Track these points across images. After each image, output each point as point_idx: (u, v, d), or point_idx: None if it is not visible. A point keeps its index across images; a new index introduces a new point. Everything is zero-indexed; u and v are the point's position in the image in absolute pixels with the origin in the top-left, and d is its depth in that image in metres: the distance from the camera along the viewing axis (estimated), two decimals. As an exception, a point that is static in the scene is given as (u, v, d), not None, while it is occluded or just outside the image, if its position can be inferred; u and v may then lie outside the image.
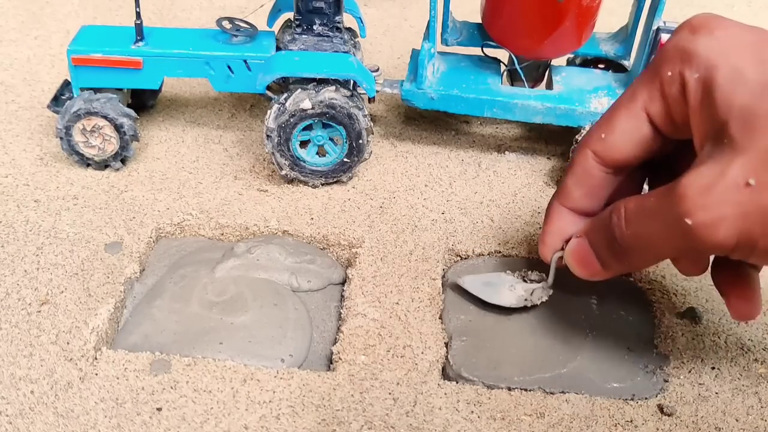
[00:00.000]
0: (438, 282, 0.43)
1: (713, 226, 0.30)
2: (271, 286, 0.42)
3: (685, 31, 0.34)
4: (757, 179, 0.29)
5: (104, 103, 0.50)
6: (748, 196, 0.30)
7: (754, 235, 0.30)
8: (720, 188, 0.30)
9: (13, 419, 0.34)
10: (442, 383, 0.37)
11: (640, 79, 0.35)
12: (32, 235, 0.45)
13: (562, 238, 0.39)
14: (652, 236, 0.33)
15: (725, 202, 0.30)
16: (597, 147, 0.36)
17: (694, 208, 0.30)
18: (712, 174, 0.30)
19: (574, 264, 0.37)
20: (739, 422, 0.36)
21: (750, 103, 0.30)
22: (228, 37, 0.51)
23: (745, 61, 0.31)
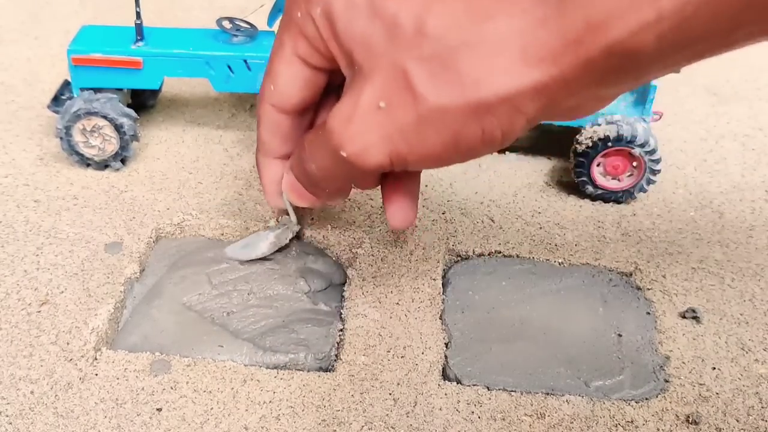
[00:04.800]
0: (438, 282, 0.43)
1: (363, 153, 0.32)
2: (274, 285, 0.42)
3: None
4: (387, 100, 0.30)
5: (104, 103, 0.49)
6: (384, 119, 0.31)
7: (401, 152, 0.31)
8: (358, 117, 0.31)
9: (13, 419, 0.34)
10: (442, 384, 0.37)
11: (280, 25, 0.36)
12: (32, 235, 0.45)
13: (279, 182, 0.40)
14: (328, 166, 0.34)
15: (366, 129, 0.31)
16: (272, 99, 0.37)
17: (342, 141, 0.32)
18: (349, 104, 0.32)
19: (292, 196, 0.39)
20: (739, 423, 0.36)
21: (365, 30, 0.31)
22: (228, 37, 0.51)
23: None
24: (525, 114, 0.29)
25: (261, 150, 0.39)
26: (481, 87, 0.29)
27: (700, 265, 0.46)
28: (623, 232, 0.49)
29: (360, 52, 0.31)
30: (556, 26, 0.27)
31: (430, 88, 0.29)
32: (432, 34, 0.29)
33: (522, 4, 0.28)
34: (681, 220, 0.50)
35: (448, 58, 0.29)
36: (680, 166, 0.56)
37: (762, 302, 0.44)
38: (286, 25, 0.35)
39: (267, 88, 0.37)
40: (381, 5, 0.30)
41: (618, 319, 0.42)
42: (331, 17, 0.32)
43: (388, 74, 0.30)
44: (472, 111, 0.29)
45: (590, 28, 0.26)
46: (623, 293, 0.44)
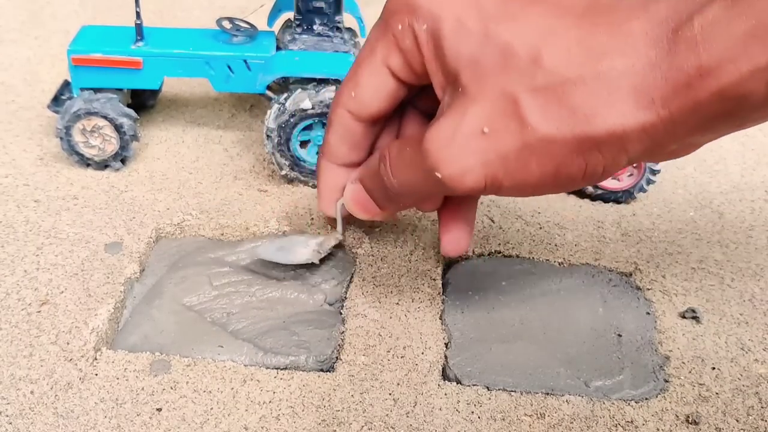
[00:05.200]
0: (438, 282, 0.43)
1: (460, 176, 0.32)
2: (275, 286, 0.42)
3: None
4: (491, 127, 0.31)
5: (104, 103, 0.49)
6: (486, 144, 0.31)
7: (498, 177, 0.32)
8: (459, 140, 0.31)
9: (13, 419, 0.34)
10: (442, 384, 0.37)
11: (374, 32, 0.35)
12: (32, 235, 0.45)
13: (338, 190, 0.40)
14: (415, 183, 0.34)
15: (466, 153, 0.31)
16: (350, 105, 0.37)
17: (439, 162, 0.32)
18: (450, 126, 0.31)
19: (354, 208, 0.39)
20: (739, 423, 0.36)
21: (475, 53, 0.31)
22: (228, 37, 0.51)
23: (465, 10, 0.32)
24: (629, 153, 0.30)
25: (326, 154, 0.39)
26: (592, 122, 0.29)
27: (700, 265, 0.46)
28: (623, 232, 0.49)
29: (467, 75, 0.31)
30: (667, 68, 0.28)
31: (540, 118, 0.30)
32: (547, 65, 0.29)
33: (636, 43, 0.28)
34: (681, 220, 0.50)
35: (561, 91, 0.29)
36: (680, 166, 0.56)
37: (762, 302, 0.44)
38: (382, 34, 0.35)
39: (346, 93, 0.37)
40: (495, 31, 0.31)
41: (618, 319, 0.42)
42: (437, 35, 0.32)
43: (497, 100, 0.30)
44: (579, 145, 0.30)
45: (701, 72, 0.27)
46: (623, 293, 0.44)
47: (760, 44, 0.26)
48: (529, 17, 0.31)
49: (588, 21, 0.30)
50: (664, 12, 0.28)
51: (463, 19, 0.32)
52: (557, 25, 0.30)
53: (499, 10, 0.31)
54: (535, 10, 0.31)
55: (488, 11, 0.31)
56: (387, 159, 0.35)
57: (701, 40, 0.27)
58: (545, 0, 0.31)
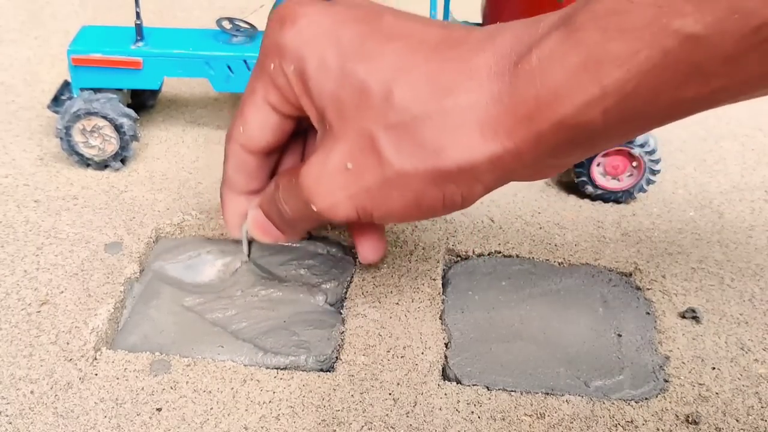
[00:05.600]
0: (438, 282, 0.43)
1: (332, 208, 0.34)
2: (275, 285, 0.42)
3: (274, 23, 0.35)
4: (354, 162, 0.32)
5: (104, 104, 0.49)
6: (350, 179, 0.32)
7: (367, 208, 0.33)
8: (326, 176, 0.33)
9: (13, 419, 0.34)
10: (442, 384, 0.37)
11: (254, 71, 0.37)
12: (32, 235, 0.45)
13: (242, 216, 0.41)
14: (301, 212, 0.36)
15: (333, 188, 0.33)
16: (240, 140, 0.38)
17: (312, 196, 0.34)
18: (319, 163, 0.33)
19: (257, 233, 0.40)
20: (739, 422, 0.36)
21: (336, 91, 0.32)
22: (228, 37, 0.51)
23: (326, 49, 0.33)
24: (482, 182, 0.31)
25: (226, 184, 0.40)
26: (441, 157, 0.30)
27: (700, 265, 0.46)
28: (623, 232, 0.49)
29: (331, 113, 0.33)
30: (509, 102, 0.29)
31: (395, 154, 0.31)
32: (398, 103, 0.31)
33: (480, 79, 0.30)
34: (681, 220, 0.50)
35: (412, 128, 0.31)
36: (680, 166, 0.56)
37: (761, 302, 0.44)
38: (259, 73, 0.36)
39: (236, 129, 0.38)
40: (352, 70, 0.32)
41: (618, 319, 0.42)
42: (303, 76, 0.34)
43: (357, 138, 0.32)
44: (433, 178, 0.31)
45: (540, 105, 0.28)
46: (623, 293, 0.44)
47: (592, 76, 0.26)
48: (383, 54, 0.32)
49: (438, 56, 0.31)
50: (508, 44, 0.30)
51: (325, 57, 0.33)
52: (409, 62, 0.31)
53: (358, 48, 0.32)
54: (390, 47, 0.32)
55: (347, 49, 0.32)
56: (279, 188, 0.37)
57: (538, 72, 0.28)
58: (401, 36, 0.32)
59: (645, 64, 0.25)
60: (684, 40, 0.24)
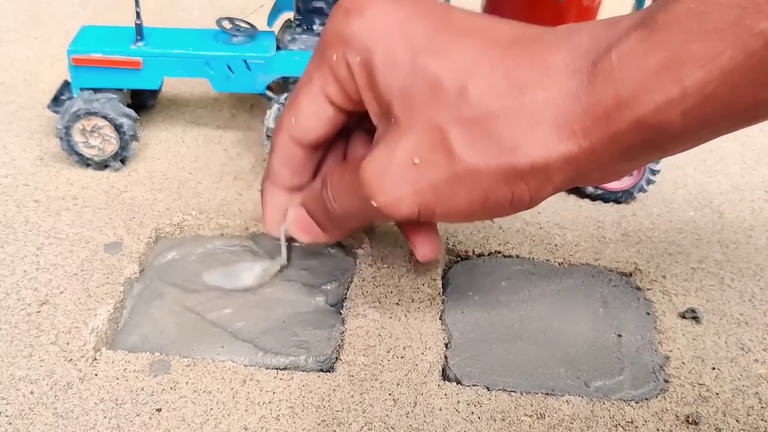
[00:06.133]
0: (438, 282, 0.43)
1: (395, 204, 0.33)
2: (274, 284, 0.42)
3: (339, 14, 0.34)
4: (421, 158, 0.31)
5: (104, 104, 0.49)
6: (417, 174, 0.32)
7: (430, 205, 0.32)
8: (391, 171, 0.32)
9: (13, 420, 0.34)
10: (442, 384, 0.37)
11: (312, 61, 0.36)
12: (32, 235, 0.45)
13: (282, 213, 0.40)
14: (355, 209, 0.35)
15: (398, 183, 0.32)
16: (291, 131, 0.37)
17: (373, 192, 0.33)
18: (383, 156, 0.32)
19: (297, 232, 0.39)
20: (739, 423, 0.36)
21: (405, 85, 0.32)
22: (228, 37, 0.51)
23: (395, 43, 0.32)
24: (553, 182, 0.31)
25: (269, 178, 0.39)
26: (515, 154, 0.30)
27: (700, 265, 0.46)
28: (623, 233, 0.49)
29: (399, 106, 0.32)
30: (587, 100, 0.28)
31: (466, 150, 0.30)
32: (473, 99, 0.30)
33: (557, 76, 0.29)
34: (681, 220, 0.50)
35: (486, 124, 0.30)
36: (680, 166, 0.56)
37: (762, 302, 0.44)
38: (319, 63, 0.35)
39: (288, 119, 0.37)
40: (424, 65, 0.31)
41: (618, 319, 0.42)
42: (370, 68, 0.33)
43: (426, 132, 0.31)
44: (505, 175, 0.30)
45: (619, 103, 0.27)
46: (623, 293, 0.44)
47: (673, 76, 0.26)
48: (457, 50, 0.31)
49: (513, 53, 0.30)
50: (585, 43, 0.29)
51: (394, 51, 0.32)
52: (483, 58, 0.31)
53: (429, 42, 0.32)
54: (463, 43, 0.31)
55: (418, 43, 0.32)
56: (328, 185, 0.36)
57: (618, 71, 0.27)
58: (473, 32, 0.32)
59: (728, 65, 0.25)
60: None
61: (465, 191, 0.31)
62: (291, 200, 0.39)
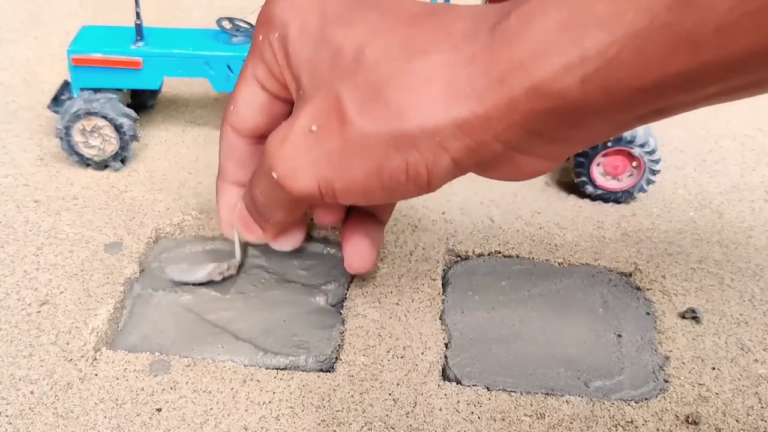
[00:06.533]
0: (438, 282, 0.43)
1: (292, 176, 0.32)
2: (274, 284, 0.42)
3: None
4: (318, 124, 0.31)
5: (104, 104, 0.49)
6: (313, 142, 0.31)
7: (328, 178, 0.31)
8: (291, 139, 0.31)
9: (13, 420, 0.34)
10: (442, 384, 0.37)
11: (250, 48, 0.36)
12: (32, 235, 0.45)
13: (233, 210, 0.39)
14: (268, 192, 0.34)
15: (297, 152, 0.31)
16: (231, 120, 0.37)
17: (274, 161, 0.32)
18: (285, 126, 0.32)
19: (241, 229, 0.38)
20: (739, 423, 0.36)
21: (312, 55, 0.32)
22: (228, 37, 0.51)
23: (310, 16, 0.32)
24: (448, 152, 0.29)
25: (219, 174, 0.39)
26: (404, 118, 0.29)
27: (700, 265, 0.46)
28: (623, 233, 0.49)
29: (305, 77, 0.32)
30: (482, 64, 0.27)
31: (357, 114, 0.30)
32: (367, 63, 0.30)
33: (454, 41, 0.28)
34: (681, 220, 0.50)
35: (378, 88, 0.29)
36: (680, 166, 0.56)
37: (762, 302, 0.44)
38: (251, 48, 0.36)
39: (228, 108, 0.37)
40: (330, 32, 0.31)
41: (618, 319, 0.42)
42: (285, 41, 0.33)
43: (324, 99, 0.31)
44: (395, 141, 0.29)
45: (514, 67, 0.26)
46: (623, 293, 0.44)
47: (573, 37, 0.25)
48: (362, 20, 0.31)
49: (417, 22, 0.30)
50: (492, 13, 0.28)
51: (307, 23, 0.32)
52: (386, 26, 0.30)
53: (339, 14, 0.32)
54: (370, 14, 0.31)
55: (329, 15, 0.32)
56: (254, 173, 0.35)
57: (516, 32, 0.26)
58: (384, 4, 0.32)
59: (630, 26, 0.24)
60: (673, 3, 0.23)
61: (359, 161, 0.30)
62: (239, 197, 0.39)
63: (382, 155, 0.30)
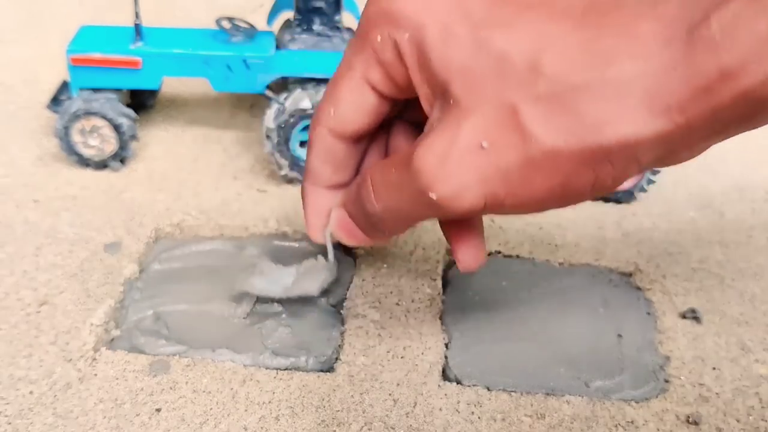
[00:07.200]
0: (438, 282, 0.43)
1: (457, 196, 0.29)
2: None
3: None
4: (490, 140, 0.28)
5: (103, 104, 0.49)
6: (485, 159, 0.28)
7: (499, 196, 0.29)
8: (455, 156, 0.29)
9: (12, 420, 0.34)
10: (442, 384, 0.37)
11: (352, 47, 0.33)
12: (31, 235, 0.45)
13: (325, 215, 0.37)
14: (402, 208, 0.32)
15: (463, 170, 0.29)
16: (330, 124, 0.35)
17: (433, 182, 0.29)
18: (444, 142, 0.29)
19: (341, 235, 0.36)
20: (739, 423, 0.36)
21: (466, 61, 0.29)
22: (227, 37, 0.51)
23: (451, 16, 0.29)
24: (640, 162, 0.28)
25: (309, 177, 0.37)
26: (602, 132, 0.27)
27: (700, 265, 0.46)
28: (623, 232, 0.49)
29: (459, 86, 0.29)
30: (685, 72, 0.25)
31: (543, 129, 0.27)
32: (549, 72, 0.27)
33: (647, 45, 0.26)
34: (681, 220, 0.50)
35: (566, 99, 0.27)
36: (680, 165, 0.56)
37: (762, 302, 0.44)
38: (360, 47, 0.33)
39: (326, 111, 0.35)
40: (488, 38, 0.29)
41: (618, 319, 0.42)
42: (422, 44, 0.30)
43: (494, 112, 0.28)
44: (589, 156, 0.27)
45: (722, 74, 0.25)
46: (623, 293, 0.44)
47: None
48: (523, 23, 0.28)
49: (589, 23, 0.27)
50: (674, 11, 0.26)
51: (451, 26, 0.29)
52: (555, 30, 0.28)
53: (490, 16, 0.29)
54: (529, 15, 0.29)
55: (478, 17, 0.29)
56: (369, 183, 0.33)
57: (720, 39, 0.25)
58: (539, 3, 0.29)
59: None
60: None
61: (542, 176, 0.28)
62: (334, 200, 0.37)
63: (571, 170, 0.28)
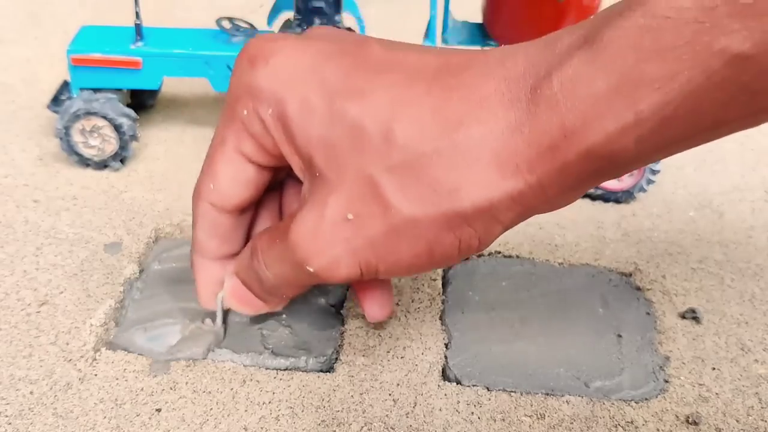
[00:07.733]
0: (438, 282, 0.43)
1: (332, 267, 0.30)
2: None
3: (243, 64, 0.31)
4: (354, 212, 0.29)
5: (103, 104, 0.49)
6: (352, 231, 0.29)
7: (371, 263, 0.30)
8: (325, 230, 0.29)
9: (13, 420, 0.34)
10: (442, 384, 0.37)
11: (222, 120, 0.33)
12: (31, 235, 0.45)
13: (217, 284, 0.36)
14: (291, 276, 0.32)
15: (334, 243, 0.29)
16: (211, 198, 0.34)
17: (308, 256, 0.30)
18: (313, 216, 0.30)
19: (237, 304, 0.36)
20: (739, 423, 0.36)
21: (325, 134, 0.29)
22: (228, 37, 0.51)
23: (308, 88, 0.30)
24: (502, 222, 0.29)
25: (197, 250, 0.36)
26: (456, 198, 0.28)
27: (700, 265, 0.46)
28: (623, 233, 0.49)
29: (321, 159, 0.29)
30: (529, 133, 0.26)
31: (401, 198, 0.28)
32: (401, 142, 0.28)
33: (492, 109, 0.27)
34: (681, 220, 0.50)
35: (419, 168, 0.28)
36: (680, 166, 0.56)
37: (762, 302, 0.44)
38: (230, 120, 0.32)
39: (205, 186, 0.34)
40: (342, 109, 0.29)
41: (618, 319, 0.42)
42: (285, 120, 0.30)
43: (356, 183, 0.28)
44: (448, 222, 0.28)
45: (566, 133, 0.26)
46: (623, 293, 0.44)
47: (626, 100, 0.24)
48: (376, 89, 0.28)
49: (439, 86, 0.28)
50: (521, 68, 0.27)
51: (309, 98, 0.29)
52: (408, 96, 0.28)
53: (345, 84, 0.29)
54: (382, 81, 0.29)
55: (333, 86, 0.29)
56: (258, 253, 0.33)
57: (562, 98, 0.25)
58: (392, 67, 0.29)
59: (686, 86, 0.23)
60: (730, 59, 0.23)
61: (407, 244, 0.29)
62: (226, 269, 0.36)
63: (433, 236, 0.28)
